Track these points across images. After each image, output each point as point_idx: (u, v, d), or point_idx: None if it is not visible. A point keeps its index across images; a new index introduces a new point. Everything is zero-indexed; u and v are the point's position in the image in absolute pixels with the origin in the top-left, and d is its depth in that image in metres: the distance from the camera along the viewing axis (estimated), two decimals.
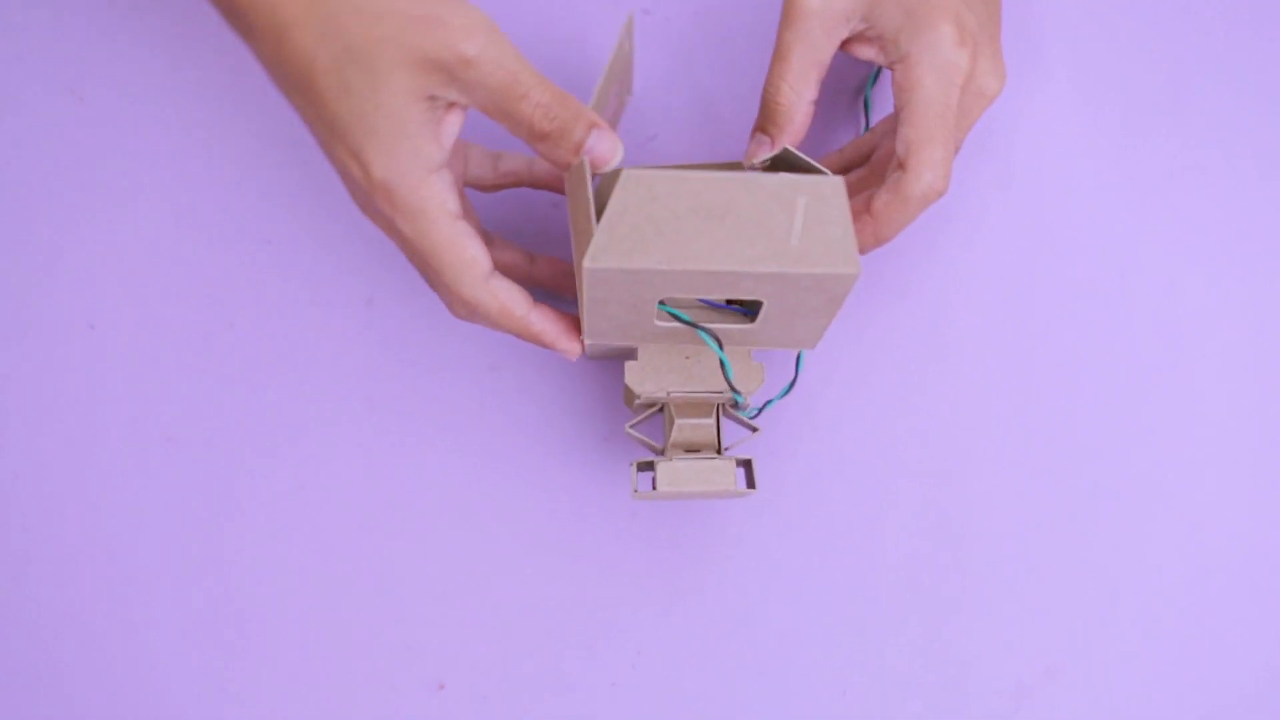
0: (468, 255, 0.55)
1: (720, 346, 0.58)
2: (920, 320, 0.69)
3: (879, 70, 0.69)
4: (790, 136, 0.61)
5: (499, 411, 0.68)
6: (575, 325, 0.59)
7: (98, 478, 0.67)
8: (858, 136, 0.68)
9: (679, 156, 0.70)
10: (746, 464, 0.60)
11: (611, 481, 0.67)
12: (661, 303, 0.57)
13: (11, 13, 0.70)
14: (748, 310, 0.59)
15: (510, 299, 0.57)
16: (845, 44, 0.62)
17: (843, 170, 0.66)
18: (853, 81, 0.70)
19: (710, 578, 0.67)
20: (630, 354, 0.60)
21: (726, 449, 0.61)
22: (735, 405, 0.61)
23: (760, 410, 0.63)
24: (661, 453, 0.61)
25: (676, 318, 0.57)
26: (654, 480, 0.58)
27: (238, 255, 0.69)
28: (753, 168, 0.60)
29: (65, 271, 0.68)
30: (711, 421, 0.59)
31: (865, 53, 0.61)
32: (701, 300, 0.59)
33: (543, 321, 0.58)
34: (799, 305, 0.55)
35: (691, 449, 0.60)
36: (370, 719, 0.66)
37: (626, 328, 0.57)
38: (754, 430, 0.61)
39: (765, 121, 0.61)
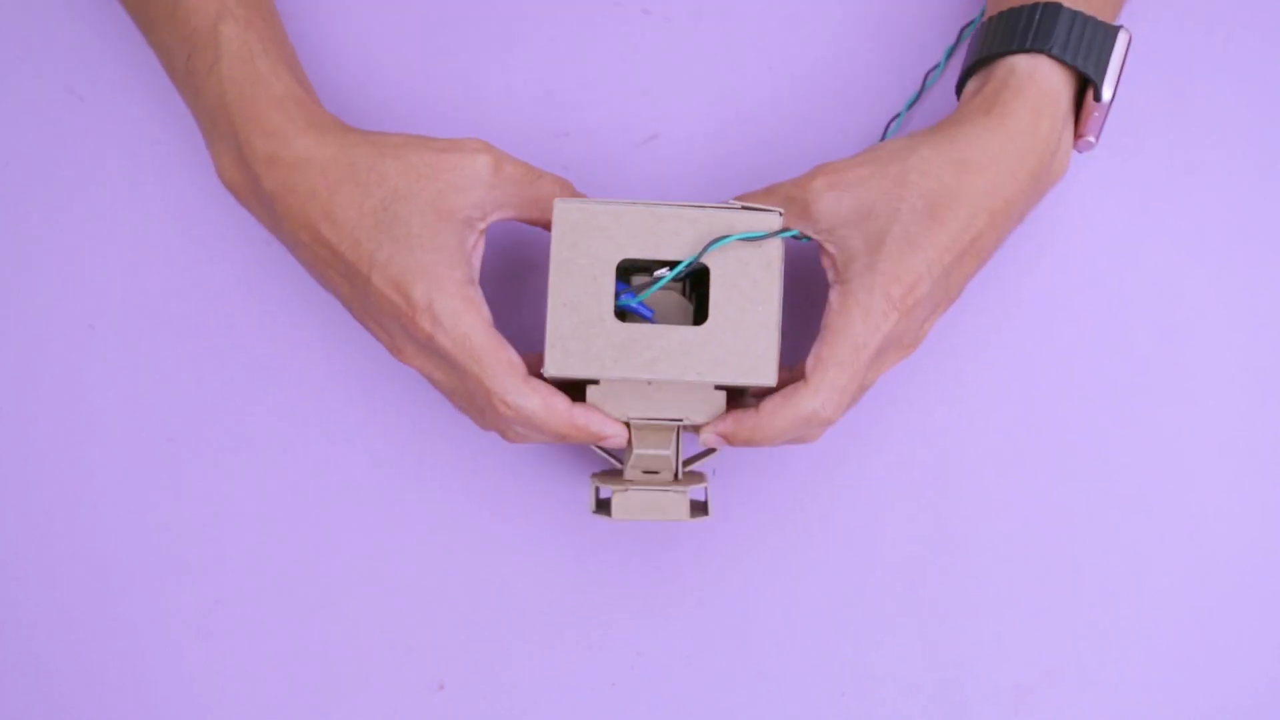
0: (507, 358, 0.58)
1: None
2: None
3: (919, 93, 0.69)
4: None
5: None
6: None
7: (98, 478, 0.67)
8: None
9: (679, 157, 0.70)
10: (703, 486, 0.62)
11: None
12: (627, 294, 0.59)
13: (11, 13, 0.70)
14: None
15: (551, 395, 0.59)
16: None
17: None
18: (880, 113, 0.70)
19: (710, 578, 0.68)
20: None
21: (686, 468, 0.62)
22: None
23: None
24: (621, 471, 0.62)
25: (632, 310, 0.60)
26: (610, 508, 0.60)
27: (238, 255, 0.69)
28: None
29: (65, 271, 0.68)
30: (670, 453, 0.60)
31: (822, 260, 0.61)
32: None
33: (586, 413, 0.59)
34: (740, 275, 0.58)
35: (650, 472, 0.61)
36: (370, 719, 0.66)
37: (588, 335, 0.58)
38: (712, 451, 0.63)
39: None
